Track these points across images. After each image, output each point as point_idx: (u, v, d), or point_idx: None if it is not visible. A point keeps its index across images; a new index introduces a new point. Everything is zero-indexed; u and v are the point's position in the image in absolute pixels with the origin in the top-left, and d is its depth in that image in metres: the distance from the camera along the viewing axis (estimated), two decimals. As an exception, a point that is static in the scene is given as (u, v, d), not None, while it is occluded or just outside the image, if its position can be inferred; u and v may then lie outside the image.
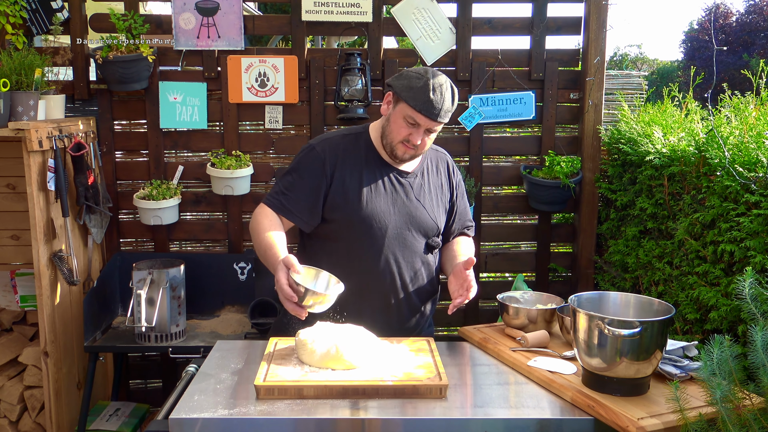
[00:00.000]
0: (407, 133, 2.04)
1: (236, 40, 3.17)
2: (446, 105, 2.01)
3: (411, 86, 2.00)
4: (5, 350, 3.07)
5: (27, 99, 2.70)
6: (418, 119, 2.01)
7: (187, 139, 3.28)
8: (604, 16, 3.17)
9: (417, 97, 1.98)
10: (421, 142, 2.05)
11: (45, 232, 2.76)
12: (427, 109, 1.99)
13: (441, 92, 1.99)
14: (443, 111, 2.01)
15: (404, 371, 1.76)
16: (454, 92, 2.05)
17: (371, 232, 2.10)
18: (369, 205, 2.09)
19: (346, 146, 2.14)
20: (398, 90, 2.03)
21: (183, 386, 1.78)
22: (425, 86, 1.98)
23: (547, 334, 2.02)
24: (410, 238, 2.15)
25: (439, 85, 2.00)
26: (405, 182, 2.16)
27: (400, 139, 2.05)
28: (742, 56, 16.17)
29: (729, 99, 2.53)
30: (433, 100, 1.98)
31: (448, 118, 2.05)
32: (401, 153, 2.08)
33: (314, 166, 2.10)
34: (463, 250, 2.25)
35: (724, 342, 1.48)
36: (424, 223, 2.16)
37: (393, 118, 2.07)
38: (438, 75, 2.03)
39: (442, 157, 2.31)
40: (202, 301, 3.18)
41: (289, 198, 2.10)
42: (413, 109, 1.99)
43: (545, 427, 1.61)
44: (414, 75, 2.03)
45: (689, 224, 2.38)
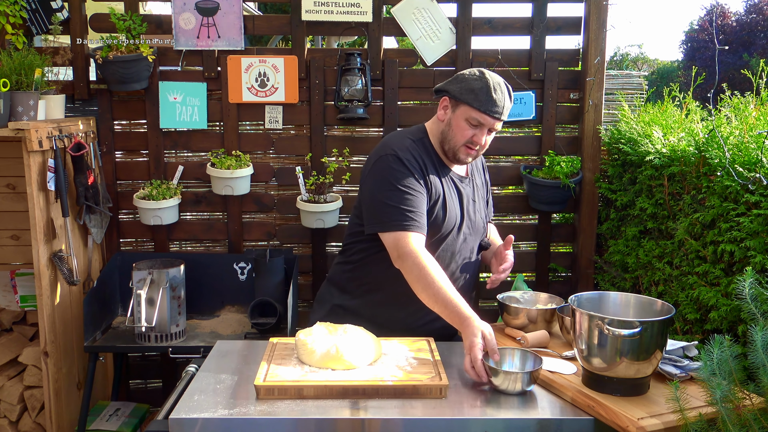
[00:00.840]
0: (471, 134, 2.06)
1: (236, 40, 3.17)
2: (507, 103, 2.06)
3: (472, 88, 2.03)
4: (5, 350, 3.07)
5: (27, 99, 2.70)
6: (482, 119, 2.03)
7: (187, 139, 3.28)
8: (604, 16, 3.17)
9: (480, 98, 2.01)
10: (484, 143, 2.09)
11: (45, 232, 2.76)
12: (491, 108, 2.02)
13: (501, 90, 2.04)
14: (505, 109, 2.05)
15: (404, 371, 1.75)
16: (510, 89, 2.09)
17: (448, 236, 2.13)
18: (450, 212, 2.12)
19: (420, 152, 2.12)
20: (457, 93, 2.05)
21: (183, 386, 1.78)
22: (486, 86, 2.02)
23: (547, 334, 2.02)
24: (470, 241, 2.20)
25: (498, 84, 2.04)
26: (464, 186, 2.20)
27: (463, 142, 2.08)
28: (742, 56, 16.16)
29: (729, 99, 2.53)
30: (496, 99, 2.02)
31: (506, 116, 2.08)
32: (464, 156, 2.11)
33: (416, 172, 2.05)
34: (493, 234, 2.38)
35: (724, 342, 1.48)
36: (479, 226, 2.24)
37: (455, 122, 2.08)
38: (494, 74, 2.07)
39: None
40: (202, 301, 3.18)
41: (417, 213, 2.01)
42: (477, 110, 2.02)
43: (545, 427, 1.61)
44: (472, 77, 2.05)
45: (689, 224, 2.38)
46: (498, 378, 1.70)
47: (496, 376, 1.70)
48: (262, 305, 2.92)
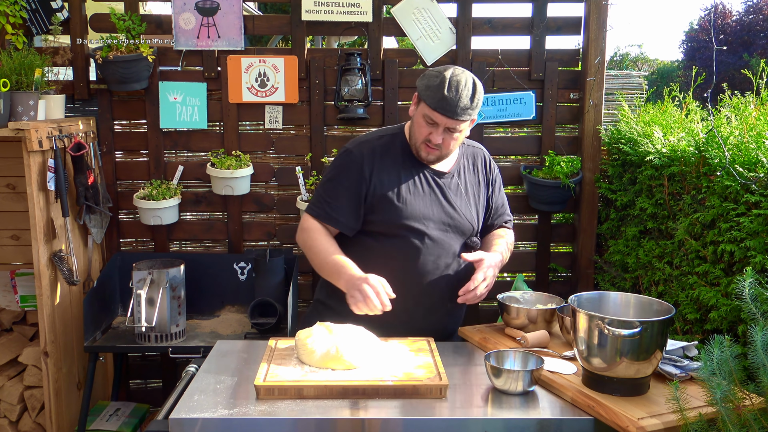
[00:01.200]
0: (427, 132, 2.03)
1: (236, 40, 3.17)
2: (463, 102, 1.98)
3: (429, 85, 2.00)
4: (5, 350, 3.07)
5: (27, 99, 2.70)
6: (435, 118, 2.00)
7: (187, 139, 3.28)
8: (604, 16, 3.17)
9: (433, 96, 1.98)
10: (443, 141, 2.03)
11: (45, 232, 2.76)
12: (442, 106, 1.97)
13: (457, 89, 1.97)
14: (460, 108, 1.98)
15: (404, 371, 1.76)
16: (476, 90, 2.02)
17: (410, 233, 2.10)
18: (408, 207, 2.09)
19: (383, 148, 2.13)
20: (419, 89, 2.03)
21: (183, 386, 1.78)
22: (440, 84, 1.97)
23: (547, 334, 2.02)
24: (448, 239, 2.14)
25: (457, 82, 1.98)
26: (442, 182, 2.15)
27: (422, 140, 2.05)
28: (742, 56, 16.16)
29: (729, 99, 2.53)
30: (448, 97, 1.96)
31: (468, 115, 2.01)
32: (425, 154, 2.08)
33: (353, 169, 2.09)
34: (496, 240, 2.25)
35: (724, 342, 1.48)
36: (461, 225, 2.17)
37: (416, 119, 2.07)
38: (458, 73, 2.01)
39: (478, 153, 2.30)
40: (202, 301, 3.18)
41: (333, 206, 2.09)
42: (430, 107, 1.99)
43: (545, 427, 1.61)
44: (434, 73, 2.02)
45: (689, 224, 2.38)
46: (500, 378, 1.70)
47: (498, 376, 1.70)
48: (262, 305, 2.92)
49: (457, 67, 2.05)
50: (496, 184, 2.33)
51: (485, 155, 2.33)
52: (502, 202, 2.36)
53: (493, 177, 2.32)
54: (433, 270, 2.13)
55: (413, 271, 2.11)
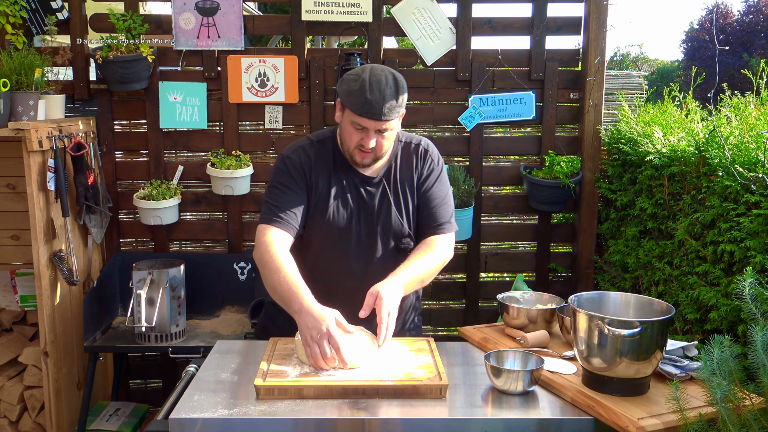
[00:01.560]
0: (358, 138, 1.97)
1: (236, 40, 3.17)
2: (388, 102, 1.91)
3: (350, 90, 1.93)
4: (5, 350, 3.07)
5: (27, 99, 2.70)
6: (363, 123, 1.93)
7: (187, 139, 3.28)
8: (604, 16, 3.17)
9: (355, 101, 1.91)
10: (376, 144, 1.98)
11: (45, 232, 2.76)
12: (368, 111, 1.91)
13: (379, 89, 1.90)
14: (386, 108, 1.91)
15: (404, 371, 1.75)
16: (399, 85, 1.94)
17: (337, 240, 2.07)
18: (335, 214, 2.05)
19: (316, 153, 2.08)
20: (341, 96, 1.97)
21: (183, 386, 1.78)
22: (361, 87, 1.90)
23: (547, 334, 2.02)
24: (378, 245, 2.09)
25: (377, 81, 1.91)
26: (370, 188, 2.08)
27: (354, 146, 1.99)
28: (742, 56, 16.16)
29: (729, 99, 2.53)
30: (371, 100, 1.90)
31: (395, 114, 1.95)
32: (360, 159, 2.02)
33: (296, 174, 2.05)
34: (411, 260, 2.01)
35: (724, 342, 1.48)
36: (390, 229, 2.09)
37: (344, 125, 2.00)
38: (376, 72, 1.94)
39: (415, 148, 2.16)
40: (202, 301, 3.18)
41: (282, 209, 2.02)
42: (355, 113, 1.93)
43: (545, 427, 1.61)
44: (352, 78, 1.94)
45: (689, 224, 2.38)
46: (500, 378, 1.70)
47: (498, 376, 1.70)
48: (262, 305, 2.92)
49: (374, 66, 1.97)
50: (430, 178, 2.14)
51: (424, 149, 2.15)
52: (439, 199, 2.14)
53: (427, 170, 2.14)
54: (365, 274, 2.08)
55: (347, 278, 2.08)
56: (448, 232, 2.15)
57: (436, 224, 2.13)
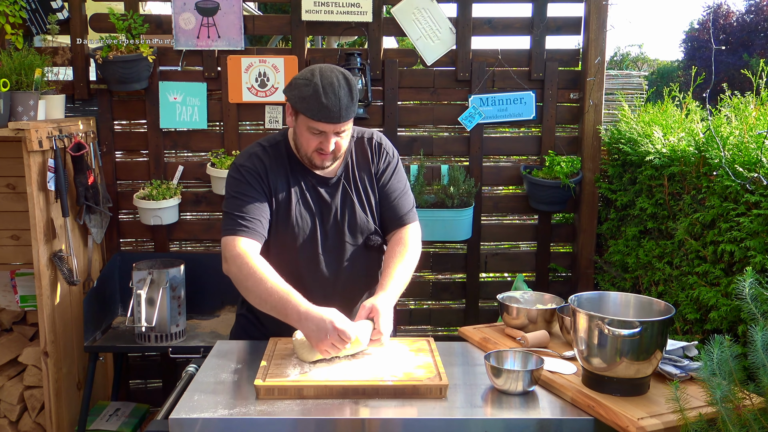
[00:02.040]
0: (317, 142, 1.95)
1: (236, 40, 3.17)
2: (344, 103, 1.89)
3: (302, 96, 1.89)
4: (5, 350, 3.07)
5: (27, 99, 2.70)
6: (321, 127, 1.91)
7: (187, 139, 3.28)
8: (604, 16, 3.17)
9: (311, 107, 1.88)
10: (335, 145, 1.96)
11: (45, 232, 2.76)
12: (325, 115, 1.88)
13: (334, 92, 1.88)
14: (342, 110, 1.89)
15: (404, 371, 1.76)
16: (351, 84, 1.92)
17: (303, 245, 2.05)
18: (298, 219, 2.03)
19: (270, 157, 2.05)
20: (293, 102, 1.93)
21: (183, 386, 1.78)
22: (315, 93, 1.87)
23: (547, 334, 2.02)
24: (344, 244, 2.08)
25: (330, 84, 1.88)
26: (329, 189, 2.07)
27: (312, 150, 1.97)
28: (742, 56, 16.16)
29: (729, 99, 2.53)
30: (327, 104, 1.87)
31: (352, 113, 1.93)
32: (320, 162, 1.99)
33: (253, 180, 2.01)
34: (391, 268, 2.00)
35: (724, 342, 1.48)
36: (357, 227, 2.08)
37: (299, 131, 1.97)
38: (326, 74, 1.90)
39: (368, 142, 2.13)
40: (202, 301, 3.18)
41: (249, 219, 1.97)
42: (312, 119, 1.90)
43: (545, 427, 1.61)
44: (302, 83, 1.90)
45: (689, 224, 2.38)
46: (500, 378, 1.70)
47: (498, 376, 1.70)
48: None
49: (322, 67, 1.93)
50: (387, 172, 2.12)
51: (377, 142, 2.14)
52: (399, 190, 2.13)
53: (383, 164, 2.12)
54: (338, 275, 2.08)
55: (318, 280, 2.07)
56: (412, 221, 2.15)
57: (399, 216, 2.12)
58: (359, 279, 2.12)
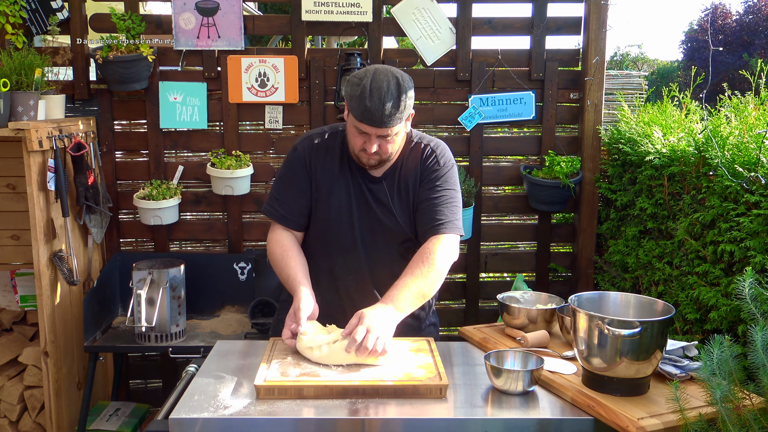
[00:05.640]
0: (361, 142, 1.95)
1: (236, 40, 3.17)
2: (388, 109, 1.86)
3: (352, 94, 1.89)
4: (5, 350, 3.07)
5: (27, 99, 2.70)
6: (364, 128, 1.91)
7: (187, 139, 3.28)
8: (604, 16, 3.17)
9: (356, 106, 1.89)
10: (380, 148, 1.94)
11: (45, 232, 2.76)
12: (367, 117, 1.87)
13: (379, 97, 1.86)
14: (385, 116, 1.87)
15: (404, 371, 1.75)
16: (401, 90, 1.89)
17: (342, 238, 2.06)
18: (337, 211, 2.04)
19: (325, 145, 2.08)
20: (346, 98, 1.95)
21: (183, 386, 1.78)
22: (362, 93, 1.87)
23: (547, 334, 2.02)
24: (380, 245, 2.08)
25: (377, 88, 1.86)
26: (374, 187, 2.06)
27: (358, 148, 1.97)
28: (742, 56, 16.16)
29: (729, 99, 2.53)
30: (370, 107, 1.86)
31: (397, 121, 1.90)
32: (366, 161, 1.99)
33: (298, 166, 2.07)
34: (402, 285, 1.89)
35: (724, 342, 1.48)
36: (390, 231, 2.06)
37: (348, 127, 1.99)
38: (378, 76, 1.89)
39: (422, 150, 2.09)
40: (202, 301, 3.18)
41: (282, 203, 2.07)
42: (356, 119, 1.91)
43: (545, 427, 1.61)
44: (355, 81, 1.90)
45: (689, 224, 2.38)
46: (500, 378, 1.70)
47: (498, 376, 1.70)
48: (262, 305, 2.92)
49: (378, 69, 1.91)
50: (431, 178, 2.05)
51: (431, 149, 2.09)
52: (441, 199, 2.03)
53: (427, 168, 2.06)
54: (370, 275, 2.08)
55: (352, 274, 2.08)
56: (449, 232, 2.00)
57: (435, 223, 2.00)
58: (388, 283, 1.96)
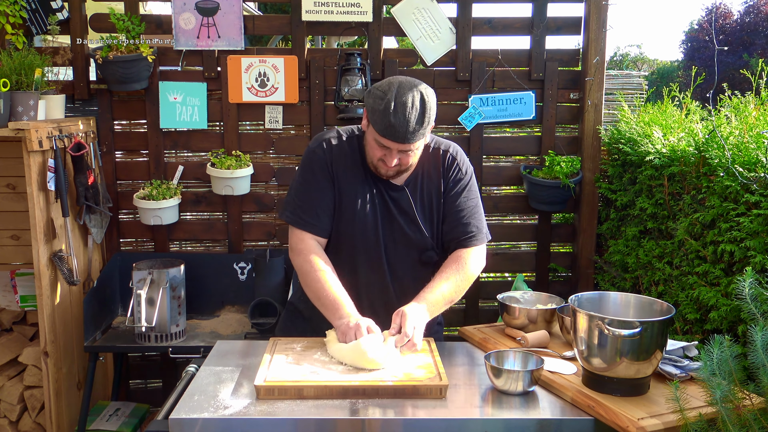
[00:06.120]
0: (381, 154, 1.93)
1: (236, 40, 3.17)
2: (412, 125, 1.85)
3: (375, 108, 1.87)
4: (5, 350, 3.07)
5: (27, 99, 2.70)
6: (385, 143, 1.89)
7: (187, 139, 3.28)
8: (604, 16, 3.17)
9: (379, 121, 1.86)
10: (400, 161, 1.93)
11: (45, 232, 2.76)
12: (391, 133, 1.86)
13: (404, 113, 1.84)
14: (409, 133, 1.85)
15: (404, 371, 1.75)
16: (426, 107, 1.87)
17: (362, 245, 2.04)
18: (358, 218, 2.02)
19: (341, 148, 2.05)
20: (367, 108, 1.92)
21: (183, 386, 1.78)
22: (386, 108, 1.84)
23: (547, 334, 2.02)
24: (401, 254, 2.06)
25: (402, 104, 1.84)
26: (394, 195, 2.04)
27: (377, 160, 1.96)
28: (742, 56, 16.16)
29: (729, 99, 2.53)
30: (395, 123, 1.84)
31: (419, 138, 1.89)
32: (384, 171, 1.98)
33: (320, 169, 2.02)
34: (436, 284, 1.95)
35: (724, 342, 1.48)
36: (411, 240, 2.05)
37: (368, 138, 1.97)
38: (404, 91, 1.86)
39: (442, 156, 2.08)
40: (202, 301, 3.18)
41: (306, 210, 2.01)
42: (378, 133, 1.89)
43: (545, 427, 1.61)
44: (379, 94, 1.88)
45: (689, 224, 2.38)
46: (500, 378, 1.70)
47: (498, 376, 1.70)
48: (262, 305, 2.92)
49: (402, 82, 1.88)
50: (457, 187, 2.06)
51: (452, 156, 2.08)
52: (465, 209, 2.05)
53: (453, 179, 2.06)
54: (391, 282, 2.08)
55: (372, 282, 2.07)
56: (479, 243, 2.05)
57: (466, 236, 2.04)
58: (409, 292, 1.99)
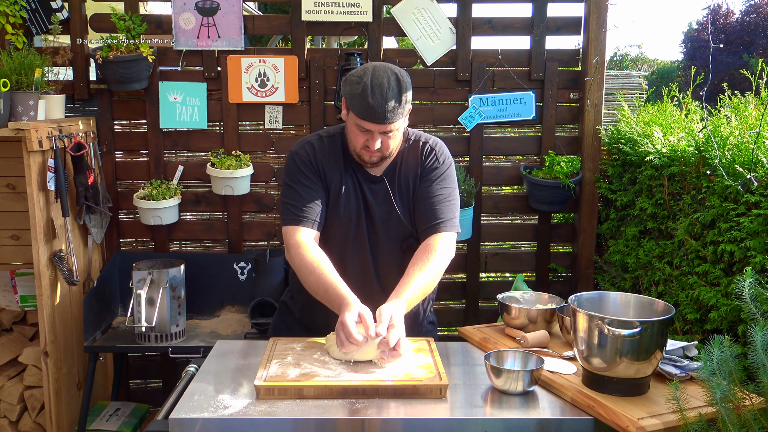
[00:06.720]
0: (364, 139, 1.97)
1: (236, 40, 3.17)
2: (390, 104, 1.90)
3: (353, 93, 1.92)
4: (5, 350, 3.07)
5: (27, 99, 2.70)
6: (366, 126, 1.93)
7: (187, 139, 3.28)
8: (604, 16, 3.17)
9: (358, 105, 1.91)
10: (382, 144, 1.97)
11: (45, 232, 2.76)
12: (370, 115, 1.90)
13: (381, 93, 1.89)
14: (388, 112, 1.90)
15: (404, 371, 1.75)
16: (401, 85, 1.92)
17: (347, 237, 2.08)
18: (343, 211, 2.06)
19: (324, 147, 2.09)
20: (345, 96, 1.97)
21: (183, 386, 1.78)
22: (363, 92, 1.89)
23: (547, 334, 2.02)
24: (384, 242, 2.09)
25: (378, 85, 1.89)
26: (375, 186, 2.08)
27: (360, 146, 1.99)
28: (743, 56, 16.16)
29: (729, 99, 2.53)
30: (373, 104, 1.89)
31: (399, 116, 1.93)
32: (368, 158, 2.02)
33: (306, 169, 2.06)
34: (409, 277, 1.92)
35: (724, 342, 1.48)
36: (394, 228, 2.09)
37: (349, 126, 2.01)
38: (378, 73, 1.91)
39: (421, 147, 2.12)
40: (202, 301, 3.18)
41: (298, 207, 2.02)
42: (358, 117, 1.93)
43: (545, 427, 1.61)
44: (354, 80, 1.93)
45: (689, 224, 2.38)
46: (500, 378, 1.70)
47: (498, 376, 1.70)
48: (262, 305, 2.92)
49: (376, 66, 1.94)
50: (431, 176, 2.08)
51: (430, 147, 2.11)
52: (439, 196, 2.07)
53: (428, 169, 2.09)
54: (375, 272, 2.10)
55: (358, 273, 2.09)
56: (448, 230, 2.06)
57: (435, 221, 2.05)
58: (392, 280, 2.01)
